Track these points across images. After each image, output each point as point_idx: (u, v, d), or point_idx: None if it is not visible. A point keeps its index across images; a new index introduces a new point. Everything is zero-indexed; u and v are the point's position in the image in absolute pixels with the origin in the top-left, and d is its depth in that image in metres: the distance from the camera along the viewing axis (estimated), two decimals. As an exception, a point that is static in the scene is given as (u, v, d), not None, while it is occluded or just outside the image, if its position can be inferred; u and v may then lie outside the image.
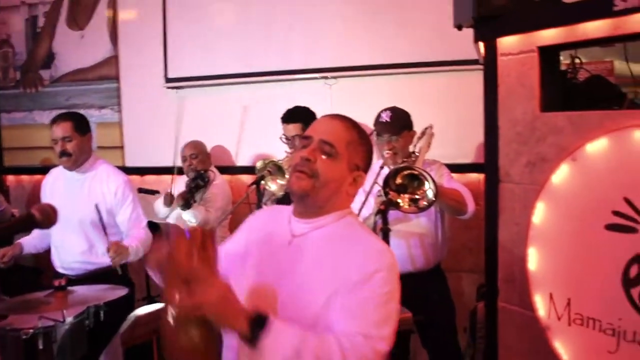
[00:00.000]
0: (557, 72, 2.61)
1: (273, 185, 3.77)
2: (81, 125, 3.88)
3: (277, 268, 1.89)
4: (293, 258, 1.90)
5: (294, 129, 4.27)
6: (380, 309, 1.74)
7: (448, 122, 4.37)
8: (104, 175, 3.88)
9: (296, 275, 1.85)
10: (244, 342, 1.64)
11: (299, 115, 4.29)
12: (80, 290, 3.24)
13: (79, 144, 3.83)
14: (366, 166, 2.02)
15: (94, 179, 3.88)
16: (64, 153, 3.80)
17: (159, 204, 4.81)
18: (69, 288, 3.20)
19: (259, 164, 3.81)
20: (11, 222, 1.76)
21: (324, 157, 1.89)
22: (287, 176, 3.76)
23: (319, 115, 4.35)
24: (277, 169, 3.78)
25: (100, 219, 3.71)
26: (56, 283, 3.14)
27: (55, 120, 3.84)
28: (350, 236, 1.90)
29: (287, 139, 4.30)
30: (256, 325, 1.63)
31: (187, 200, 4.09)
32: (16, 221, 1.73)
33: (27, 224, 1.66)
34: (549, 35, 2.41)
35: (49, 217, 1.65)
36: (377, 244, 1.89)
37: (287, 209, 2.05)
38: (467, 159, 4.47)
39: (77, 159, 3.85)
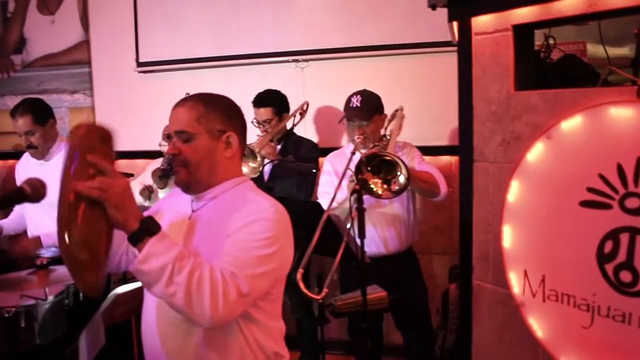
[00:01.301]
0: (532, 50, 2.62)
1: (245, 168, 3.76)
2: (41, 116, 3.84)
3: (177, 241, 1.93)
4: (191, 230, 2.04)
5: (265, 113, 4.22)
6: (255, 251, 1.85)
7: (420, 105, 4.38)
8: None
9: (193, 246, 1.97)
10: (129, 240, 1.75)
11: (269, 99, 4.26)
12: (61, 269, 3.22)
13: (42, 134, 3.83)
14: (233, 125, 2.07)
15: (60, 162, 3.83)
16: (30, 146, 3.82)
17: (136, 196, 4.72)
18: (51, 267, 3.19)
19: None
20: (2, 196, 1.77)
21: (185, 144, 1.99)
22: (258, 159, 3.76)
23: (291, 98, 4.36)
24: (249, 152, 3.76)
25: None
26: (38, 262, 3.13)
27: (14, 115, 3.79)
28: (240, 200, 1.99)
29: (258, 122, 4.25)
30: (144, 229, 1.74)
31: (166, 173, 4.02)
32: (7, 194, 1.73)
33: (18, 198, 1.67)
34: (524, 14, 2.42)
35: (38, 191, 1.66)
36: (264, 202, 1.97)
37: None
38: (440, 141, 4.48)
39: (43, 150, 3.87)
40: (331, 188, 3.33)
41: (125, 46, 5.46)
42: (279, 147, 4.20)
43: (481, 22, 2.59)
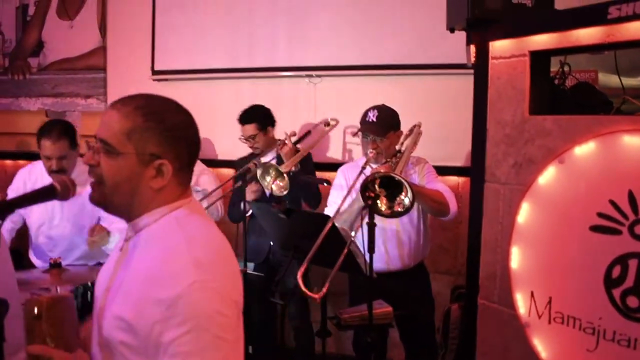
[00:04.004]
0: (547, 76, 2.67)
1: (273, 187, 3.77)
2: (75, 140, 3.65)
3: (107, 274, 1.73)
4: (120, 263, 1.69)
5: (250, 129, 4.36)
6: (190, 343, 1.48)
7: (430, 125, 4.40)
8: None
9: (115, 281, 1.66)
10: None
11: (252, 116, 4.38)
12: (73, 269, 3.25)
13: (74, 159, 3.67)
14: (173, 150, 1.63)
15: (85, 185, 3.74)
16: (60, 170, 3.56)
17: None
18: (65, 266, 3.22)
19: (258, 171, 3.78)
20: (32, 192, 1.78)
21: (106, 158, 1.61)
22: (286, 179, 3.74)
23: (302, 113, 4.44)
24: (277, 173, 3.78)
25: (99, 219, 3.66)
26: (52, 260, 3.14)
27: (48, 136, 3.53)
28: (164, 240, 1.62)
29: (245, 139, 4.40)
30: None
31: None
32: (37, 191, 1.74)
33: (46, 195, 1.68)
34: (541, 41, 2.47)
35: (67, 190, 1.67)
36: (184, 256, 1.55)
37: None
38: (448, 161, 4.50)
39: (71, 173, 3.63)
40: (340, 199, 3.34)
41: (142, 54, 5.52)
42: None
43: (499, 46, 2.64)
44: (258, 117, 4.38)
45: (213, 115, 5.24)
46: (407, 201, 3.03)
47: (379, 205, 3.09)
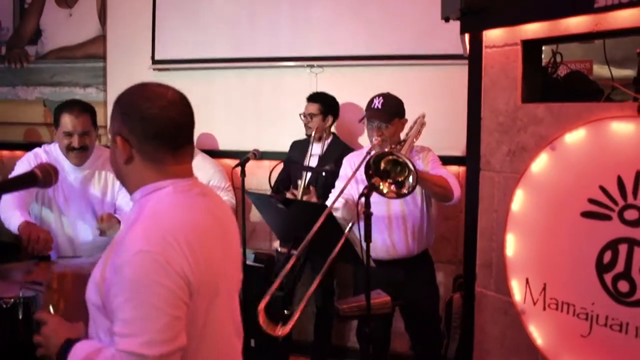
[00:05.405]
0: (539, 65, 2.69)
1: None
2: (95, 119, 3.52)
3: None
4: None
5: (312, 107, 4.58)
6: (129, 310, 1.56)
7: (431, 115, 4.40)
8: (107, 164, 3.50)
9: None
10: None
11: (320, 97, 4.61)
12: (62, 262, 3.20)
13: (94, 139, 3.53)
14: (127, 125, 1.73)
15: (101, 170, 3.61)
16: (83, 148, 3.42)
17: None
18: (53, 260, 3.20)
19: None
20: (13, 179, 1.81)
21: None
22: None
23: (303, 102, 4.49)
24: None
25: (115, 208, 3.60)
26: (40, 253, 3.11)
27: (71, 110, 3.38)
28: (136, 213, 1.73)
29: (304, 116, 4.61)
30: (62, 352, 1.74)
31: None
32: (18, 178, 1.77)
33: (28, 182, 1.71)
34: (533, 29, 2.49)
35: (49, 177, 1.70)
36: (140, 227, 1.64)
37: None
38: (448, 151, 4.51)
39: (90, 153, 3.52)
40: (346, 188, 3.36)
41: (142, 43, 5.51)
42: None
43: (492, 35, 2.66)
44: (324, 101, 4.59)
45: (214, 106, 5.29)
46: (411, 180, 3.06)
47: (382, 187, 3.12)
